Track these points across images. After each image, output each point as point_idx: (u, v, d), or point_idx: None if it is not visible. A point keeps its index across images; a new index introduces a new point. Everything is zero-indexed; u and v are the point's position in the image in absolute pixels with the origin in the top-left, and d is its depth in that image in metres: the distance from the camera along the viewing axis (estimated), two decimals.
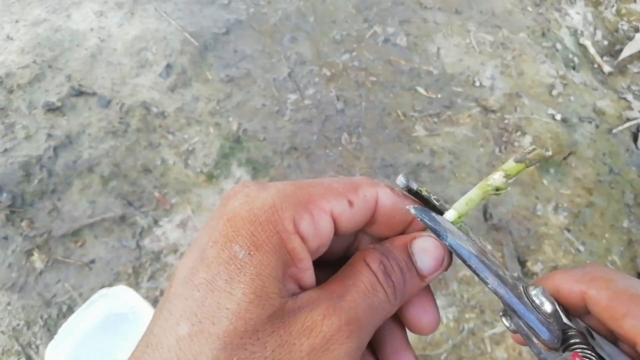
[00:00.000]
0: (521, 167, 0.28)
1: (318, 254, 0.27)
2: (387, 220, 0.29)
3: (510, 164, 0.28)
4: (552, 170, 1.48)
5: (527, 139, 1.52)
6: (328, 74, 1.59)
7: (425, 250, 0.27)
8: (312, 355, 0.22)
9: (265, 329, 0.22)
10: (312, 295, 0.24)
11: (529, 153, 0.28)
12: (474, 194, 0.29)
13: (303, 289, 0.25)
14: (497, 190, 0.28)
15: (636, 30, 1.85)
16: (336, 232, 0.27)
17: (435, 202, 0.29)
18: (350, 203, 0.27)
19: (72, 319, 0.99)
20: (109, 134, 1.41)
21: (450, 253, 0.28)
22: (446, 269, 0.28)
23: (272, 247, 0.24)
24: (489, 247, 1.33)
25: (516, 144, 1.50)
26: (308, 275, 0.26)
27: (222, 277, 0.23)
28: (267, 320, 0.22)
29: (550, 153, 0.28)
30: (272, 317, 0.22)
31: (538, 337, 0.26)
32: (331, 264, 0.31)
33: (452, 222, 0.28)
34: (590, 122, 1.59)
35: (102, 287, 1.14)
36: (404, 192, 0.29)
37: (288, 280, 0.25)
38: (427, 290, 0.29)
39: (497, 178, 0.29)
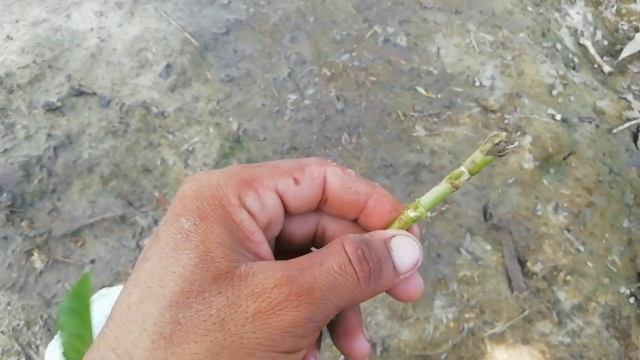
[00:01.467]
0: (475, 153, 0.29)
1: (273, 232, 0.28)
2: (337, 198, 0.29)
3: (477, 156, 0.29)
4: (552, 170, 1.48)
5: (527, 139, 1.52)
6: (328, 74, 1.59)
7: (403, 248, 0.28)
8: (256, 317, 0.23)
9: (212, 289, 0.23)
10: (271, 264, 0.25)
11: (495, 144, 0.28)
12: (440, 187, 0.30)
13: (260, 259, 0.26)
14: (454, 179, 0.29)
15: (636, 30, 1.85)
16: (287, 210, 0.28)
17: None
18: (296, 181, 0.28)
19: None
20: (109, 134, 1.41)
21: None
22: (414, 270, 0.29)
23: (217, 218, 0.25)
24: (489, 247, 1.33)
25: (516, 144, 1.50)
26: (264, 247, 0.26)
27: (169, 246, 0.24)
28: (212, 282, 0.23)
29: (517, 144, 0.28)
30: (219, 279, 0.23)
31: None
32: (302, 253, 0.32)
33: (419, 216, 0.29)
34: (590, 122, 1.59)
35: (102, 287, 1.14)
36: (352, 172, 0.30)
37: (243, 250, 0.25)
38: None
39: (462, 170, 0.29)
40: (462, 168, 0.29)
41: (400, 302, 0.30)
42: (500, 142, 0.28)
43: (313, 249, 0.33)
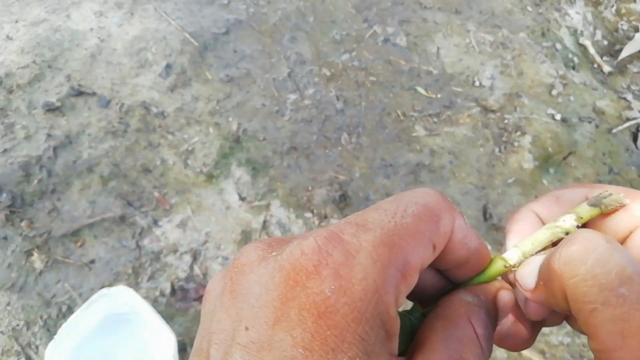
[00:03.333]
0: (595, 211, 0.26)
1: None
2: (451, 253, 0.24)
3: (584, 208, 0.26)
4: (552, 170, 1.48)
5: (527, 139, 1.52)
6: (328, 73, 1.59)
7: (506, 305, 0.25)
8: None
9: None
10: None
11: (604, 198, 0.26)
12: (541, 235, 0.27)
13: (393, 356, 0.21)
14: (566, 233, 0.26)
15: (636, 30, 1.85)
16: None
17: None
18: (434, 247, 0.22)
19: (72, 319, 0.99)
20: (109, 134, 1.41)
21: None
22: None
23: (382, 347, 0.19)
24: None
25: (516, 143, 1.50)
26: (396, 343, 0.22)
27: None
28: None
29: (627, 201, 0.25)
30: None
31: None
32: None
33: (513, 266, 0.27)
34: (590, 122, 1.59)
35: (102, 287, 1.14)
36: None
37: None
38: None
39: (567, 220, 0.26)
40: (576, 224, 0.26)
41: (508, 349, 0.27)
42: (608, 196, 0.26)
43: None
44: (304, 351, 0.18)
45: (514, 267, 0.26)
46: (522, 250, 0.26)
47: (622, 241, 0.24)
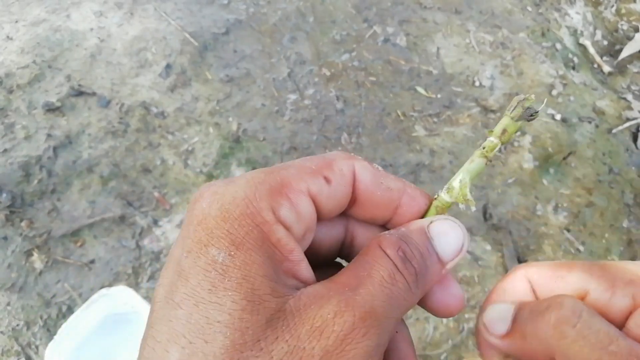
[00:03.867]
0: (503, 119, 0.26)
1: (306, 243, 0.25)
2: (369, 197, 0.26)
3: (499, 123, 0.26)
4: (552, 170, 1.48)
5: (527, 139, 1.52)
6: (328, 74, 1.59)
7: (445, 234, 0.25)
8: (325, 358, 0.19)
9: (267, 336, 0.19)
10: (319, 290, 0.21)
11: (526, 108, 0.26)
12: (475, 164, 0.27)
13: (303, 283, 0.23)
14: (483, 149, 0.26)
15: (636, 30, 1.85)
16: (319, 215, 0.25)
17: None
18: (327, 179, 0.24)
19: (72, 319, 0.99)
20: (109, 134, 1.41)
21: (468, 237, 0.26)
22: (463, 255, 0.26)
23: (254, 243, 0.21)
24: (489, 247, 1.33)
25: (516, 144, 1.50)
26: (304, 266, 0.23)
27: (205, 287, 0.20)
28: (266, 326, 0.20)
29: (545, 101, 0.26)
30: (271, 320, 0.20)
31: None
32: (328, 264, 0.28)
33: (456, 200, 0.27)
34: (590, 122, 1.59)
35: (102, 287, 1.14)
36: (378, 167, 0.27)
37: (284, 276, 0.22)
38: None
39: (488, 141, 0.26)
40: (492, 139, 0.26)
41: (438, 316, 0.27)
42: (529, 105, 0.25)
43: (339, 259, 0.30)
44: (186, 254, 0.21)
45: (449, 204, 0.26)
46: (450, 184, 0.27)
47: (620, 324, 0.24)
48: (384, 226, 0.28)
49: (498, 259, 1.31)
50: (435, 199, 0.27)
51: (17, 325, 1.14)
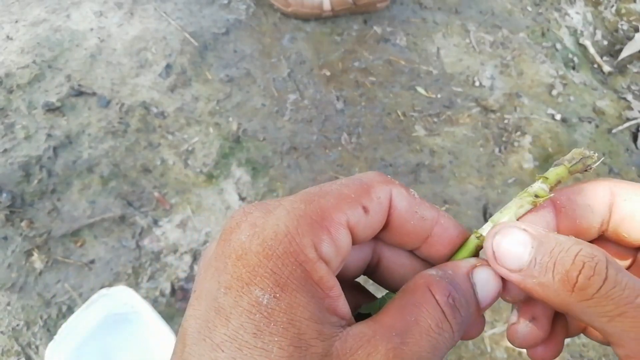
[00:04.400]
0: (561, 170, 0.27)
1: (337, 273, 0.24)
2: (401, 224, 0.26)
3: (550, 171, 0.27)
4: None
5: (527, 139, 1.52)
6: (328, 74, 1.59)
7: (487, 282, 0.25)
8: None
9: None
10: (365, 332, 0.21)
11: (573, 159, 0.26)
12: (514, 204, 0.27)
13: (343, 319, 0.22)
14: (536, 197, 0.27)
15: (636, 30, 1.85)
16: (353, 243, 0.24)
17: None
18: (365, 209, 0.24)
19: (72, 319, 0.99)
20: (109, 134, 1.41)
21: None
22: None
23: (298, 283, 0.20)
24: None
25: (516, 144, 1.50)
26: (342, 303, 0.22)
27: (248, 331, 0.19)
28: None
29: (592, 153, 0.26)
30: None
31: None
32: (349, 283, 0.28)
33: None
34: (590, 122, 1.59)
35: (102, 287, 1.14)
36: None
37: (327, 315, 0.21)
38: None
39: (535, 185, 0.27)
40: (544, 187, 0.26)
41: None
42: (590, 163, 0.26)
43: (358, 281, 0.29)
44: (225, 290, 0.20)
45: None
46: (495, 222, 0.27)
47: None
48: (412, 251, 0.28)
49: None
50: (477, 236, 0.27)
51: (17, 325, 1.14)
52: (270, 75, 1.56)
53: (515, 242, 0.24)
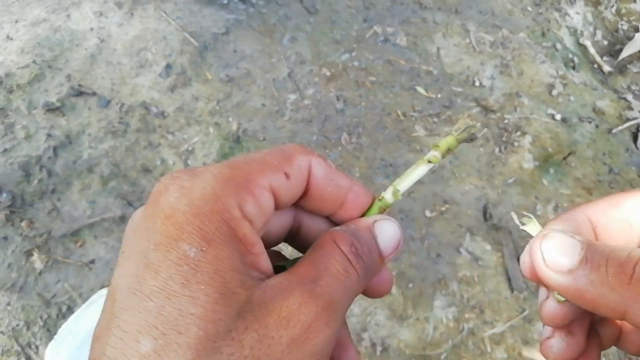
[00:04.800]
0: (450, 139, 0.30)
1: (261, 234, 0.26)
2: (319, 192, 0.28)
3: (442, 140, 0.31)
4: (552, 170, 1.48)
5: (527, 139, 1.52)
6: (328, 74, 1.59)
7: (386, 232, 0.28)
8: (292, 346, 0.21)
9: (238, 326, 0.20)
10: (282, 282, 0.23)
11: (459, 129, 0.30)
12: (412, 170, 0.32)
13: (264, 274, 0.24)
14: (429, 162, 0.31)
15: (636, 30, 1.85)
16: (275, 208, 0.26)
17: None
18: (287, 175, 0.26)
19: (72, 319, 0.99)
20: (109, 134, 1.41)
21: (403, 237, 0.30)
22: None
23: (224, 238, 0.22)
24: (489, 247, 1.33)
25: (516, 143, 1.50)
26: (263, 259, 0.24)
27: (177, 281, 0.20)
28: (237, 317, 0.21)
29: (478, 125, 0.29)
30: (242, 312, 0.21)
31: None
32: (271, 251, 0.30)
33: (395, 200, 0.30)
34: (590, 122, 1.59)
35: (102, 287, 1.14)
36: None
37: (249, 269, 0.23)
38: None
39: (429, 154, 0.31)
40: (436, 154, 0.31)
41: (371, 297, 0.30)
42: (474, 132, 0.29)
43: (281, 247, 0.32)
44: (154, 247, 0.21)
45: (390, 205, 0.30)
46: (395, 187, 0.30)
47: None
48: (328, 217, 0.30)
49: (498, 259, 1.31)
50: (380, 199, 0.30)
51: (17, 325, 1.14)
52: (270, 75, 1.56)
53: (565, 244, 0.24)
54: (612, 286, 0.22)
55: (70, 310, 1.15)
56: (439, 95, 1.58)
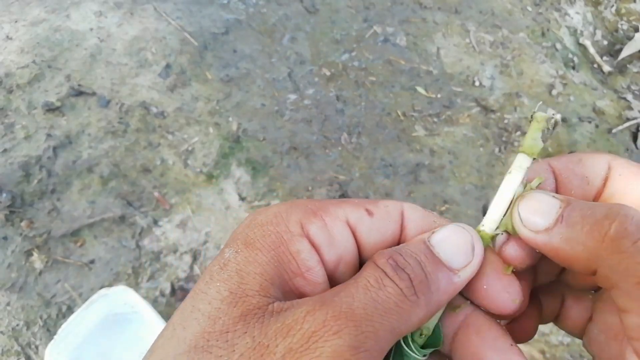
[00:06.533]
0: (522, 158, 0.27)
1: (341, 275, 0.24)
2: (419, 232, 0.25)
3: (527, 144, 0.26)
4: None
5: None
6: (327, 73, 1.59)
7: (447, 239, 0.24)
8: (287, 357, 0.18)
9: (237, 329, 0.19)
10: (306, 299, 0.21)
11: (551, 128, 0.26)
12: (507, 193, 0.27)
13: (297, 298, 0.22)
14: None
15: (636, 30, 1.85)
16: (362, 249, 0.24)
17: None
18: (369, 212, 0.24)
19: (72, 319, 0.99)
20: (109, 134, 1.41)
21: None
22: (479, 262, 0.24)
23: (266, 244, 0.22)
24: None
25: (516, 143, 1.50)
26: (314, 288, 0.22)
27: (204, 280, 0.21)
28: (239, 320, 0.20)
29: (557, 114, 0.26)
30: (247, 315, 0.20)
31: None
32: None
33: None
34: (590, 122, 1.59)
35: (102, 287, 1.14)
36: None
37: (288, 288, 0.22)
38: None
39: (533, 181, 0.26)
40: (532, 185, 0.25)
41: (495, 315, 0.24)
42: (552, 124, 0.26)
43: None
44: (235, 251, 0.22)
45: (490, 237, 0.26)
46: (491, 218, 0.26)
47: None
48: None
49: None
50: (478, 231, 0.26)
51: (17, 325, 1.14)
52: (269, 75, 1.56)
53: (543, 202, 0.24)
54: (585, 243, 0.21)
55: (70, 310, 1.15)
56: (439, 95, 1.58)
